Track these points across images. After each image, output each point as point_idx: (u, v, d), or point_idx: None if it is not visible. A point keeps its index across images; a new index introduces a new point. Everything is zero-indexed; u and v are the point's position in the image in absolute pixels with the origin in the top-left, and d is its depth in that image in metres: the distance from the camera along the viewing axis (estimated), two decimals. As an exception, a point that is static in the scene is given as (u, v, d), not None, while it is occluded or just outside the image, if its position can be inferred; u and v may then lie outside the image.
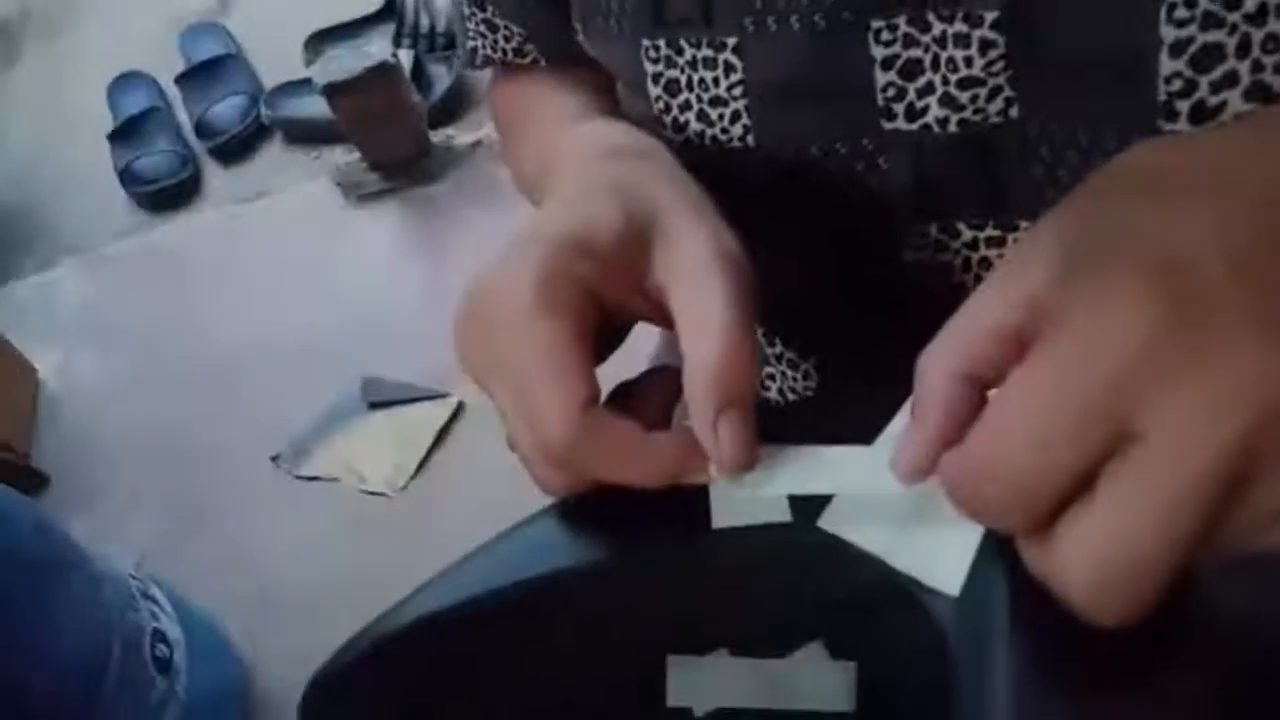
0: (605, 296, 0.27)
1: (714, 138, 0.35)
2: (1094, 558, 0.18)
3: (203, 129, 1.48)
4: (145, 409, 1.21)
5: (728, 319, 0.24)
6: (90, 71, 1.66)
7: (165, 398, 1.21)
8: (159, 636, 0.72)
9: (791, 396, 0.44)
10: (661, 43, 0.34)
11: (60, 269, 1.43)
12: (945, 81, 0.30)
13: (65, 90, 1.70)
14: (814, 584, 0.26)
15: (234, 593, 0.99)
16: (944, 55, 0.29)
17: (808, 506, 0.25)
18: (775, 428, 0.25)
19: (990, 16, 0.28)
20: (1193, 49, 0.26)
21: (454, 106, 1.39)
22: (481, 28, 0.43)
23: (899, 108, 0.31)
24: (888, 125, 0.31)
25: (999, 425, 0.19)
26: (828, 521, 0.25)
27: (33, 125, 1.67)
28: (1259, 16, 0.25)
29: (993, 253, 0.33)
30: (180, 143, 1.49)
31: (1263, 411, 0.17)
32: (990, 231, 0.33)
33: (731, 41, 0.32)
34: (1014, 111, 0.30)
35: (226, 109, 1.48)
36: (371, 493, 1.05)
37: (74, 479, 1.16)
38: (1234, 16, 0.25)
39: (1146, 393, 0.18)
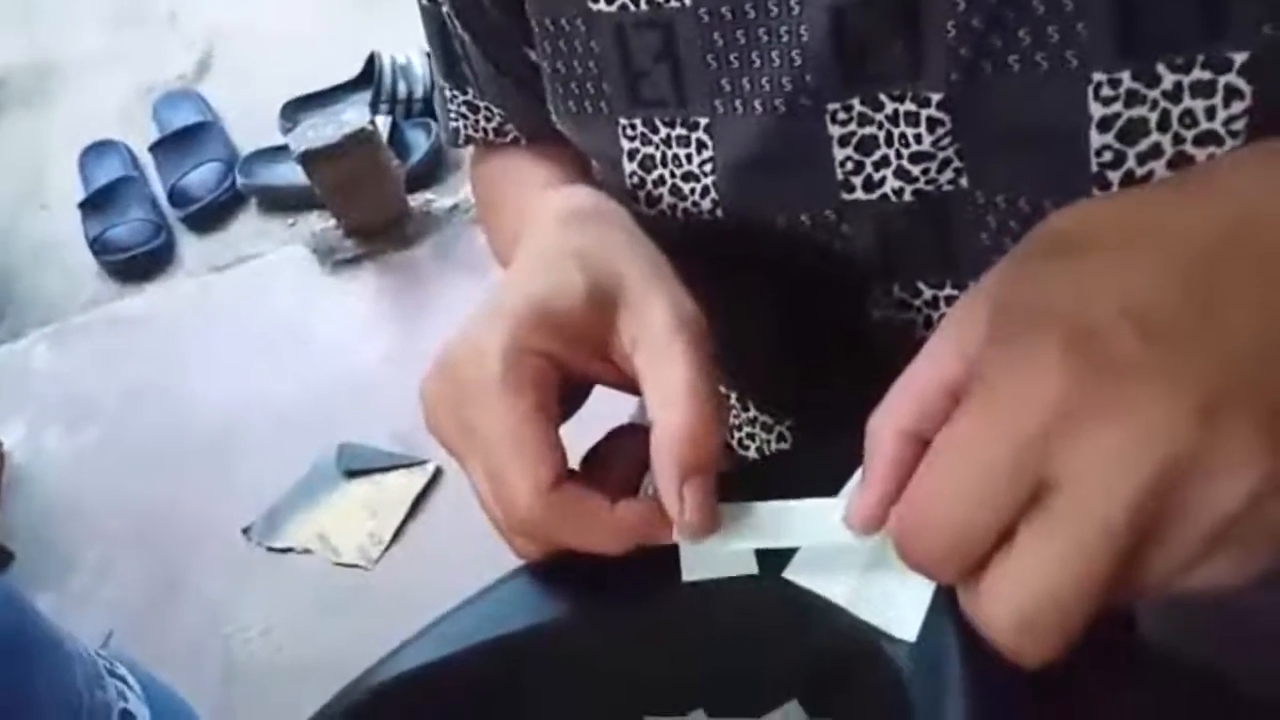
0: (570, 367, 0.27)
1: (685, 210, 0.36)
2: (1014, 602, 0.19)
3: (176, 197, 1.48)
4: (114, 482, 1.18)
5: (691, 388, 0.25)
6: (64, 139, 1.67)
7: (135, 470, 1.19)
8: (126, 716, 0.70)
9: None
10: (638, 121, 0.36)
11: (28, 339, 1.41)
12: (899, 155, 0.32)
13: (38, 159, 1.71)
14: (783, 639, 0.27)
15: (205, 669, 0.97)
16: (896, 131, 0.31)
17: (774, 557, 0.26)
18: (751, 483, 0.26)
19: (936, 98, 0.30)
20: (1119, 124, 0.28)
21: (432, 171, 1.40)
22: (463, 109, 0.44)
23: (857, 180, 0.33)
24: (847, 196, 0.33)
25: (929, 482, 0.21)
26: (793, 572, 0.26)
27: (4, 194, 1.67)
28: (1175, 94, 0.27)
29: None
30: (153, 211, 1.49)
31: (1170, 461, 0.18)
32: (949, 290, 0.34)
33: (703, 121, 0.34)
34: (963, 181, 0.32)
35: (200, 176, 1.49)
36: (346, 564, 1.04)
37: (41, 554, 1.13)
38: (1154, 94, 0.27)
39: (1060, 449, 0.19)
